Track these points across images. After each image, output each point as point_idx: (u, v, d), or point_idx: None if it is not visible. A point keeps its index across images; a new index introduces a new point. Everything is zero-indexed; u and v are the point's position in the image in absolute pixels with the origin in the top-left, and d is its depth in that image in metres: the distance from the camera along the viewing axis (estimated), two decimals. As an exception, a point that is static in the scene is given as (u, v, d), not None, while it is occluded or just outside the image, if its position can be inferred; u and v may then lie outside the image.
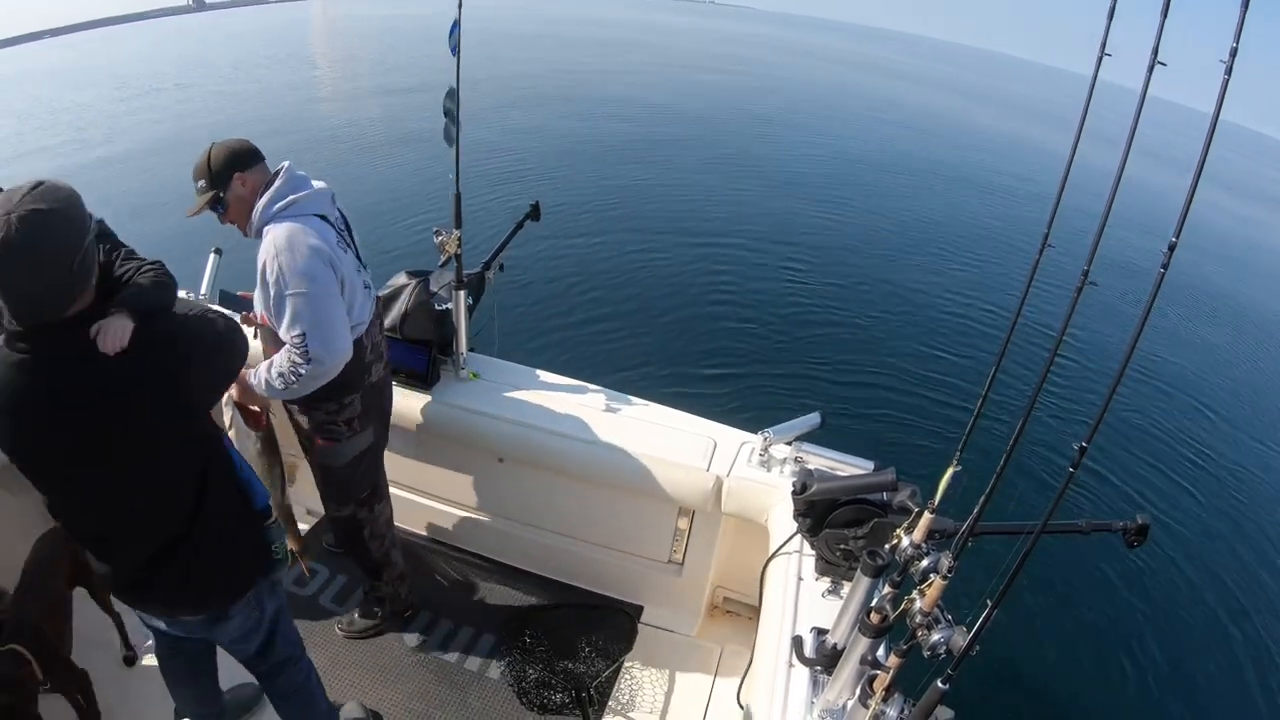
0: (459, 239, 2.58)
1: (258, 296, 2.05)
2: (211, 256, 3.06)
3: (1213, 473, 6.04)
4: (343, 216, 2.13)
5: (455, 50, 2.39)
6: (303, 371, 1.93)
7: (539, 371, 2.88)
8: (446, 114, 2.44)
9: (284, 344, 2.01)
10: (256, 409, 2.11)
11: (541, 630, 2.67)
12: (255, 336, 2.37)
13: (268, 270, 1.91)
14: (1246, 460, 6.41)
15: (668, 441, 2.53)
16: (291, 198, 1.95)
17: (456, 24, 2.37)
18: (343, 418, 2.20)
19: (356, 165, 11.67)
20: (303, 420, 2.21)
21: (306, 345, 1.91)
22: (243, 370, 2.02)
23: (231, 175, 1.92)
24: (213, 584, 1.62)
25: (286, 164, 2.02)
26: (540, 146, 13.50)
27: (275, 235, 1.90)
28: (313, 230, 1.94)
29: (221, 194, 1.93)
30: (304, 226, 1.92)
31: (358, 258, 2.16)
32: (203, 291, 3.05)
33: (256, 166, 1.97)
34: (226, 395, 2.05)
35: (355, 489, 2.37)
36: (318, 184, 2.05)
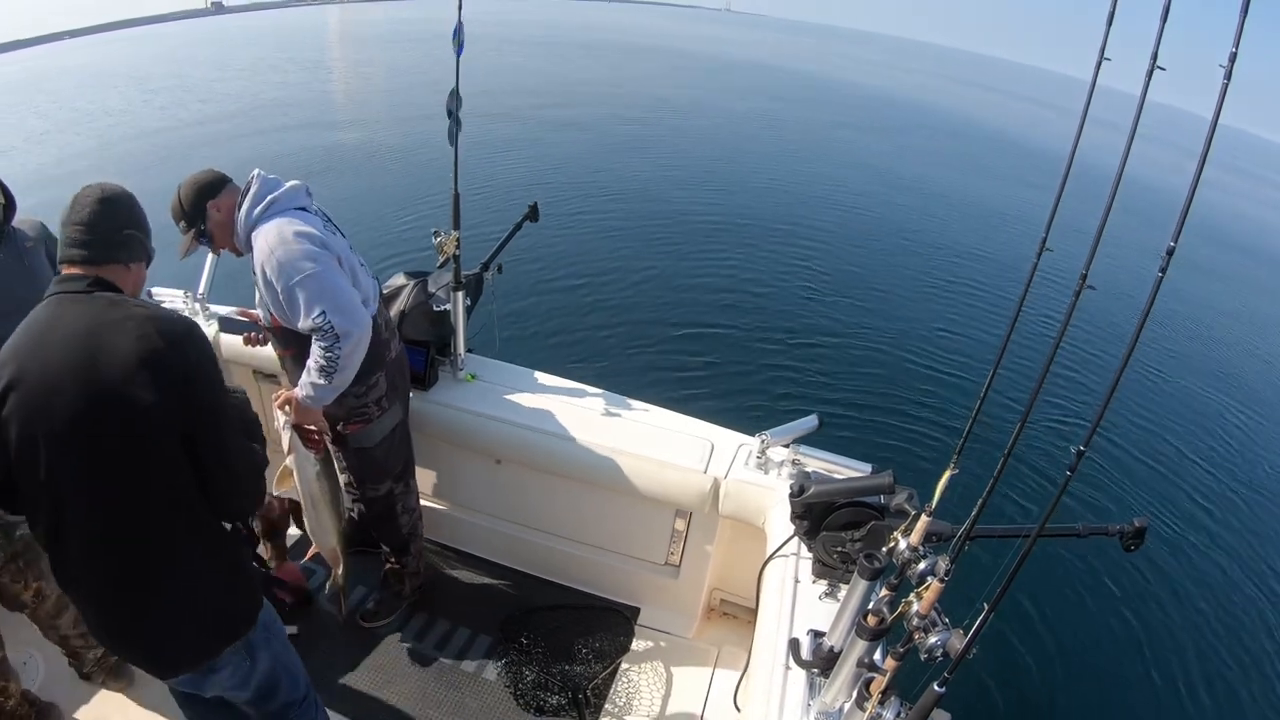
0: (457, 240, 2.58)
1: (262, 301, 2.06)
2: (210, 255, 3.05)
3: (1210, 476, 6.04)
4: (322, 212, 2.14)
5: (459, 51, 2.39)
6: (339, 351, 1.95)
7: (537, 373, 2.88)
8: (449, 114, 2.44)
9: (300, 341, 2.03)
10: (314, 430, 2.10)
11: (538, 632, 2.66)
12: (264, 343, 2.36)
13: (268, 270, 1.92)
14: (1244, 464, 6.42)
15: (665, 443, 2.53)
16: (270, 198, 1.97)
17: (460, 25, 2.38)
18: (371, 398, 2.24)
19: (356, 166, 11.67)
20: (332, 410, 2.20)
21: (330, 322, 1.91)
22: (289, 391, 2.05)
23: (205, 206, 1.96)
24: (199, 633, 1.52)
25: (256, 171, 2.03)
26: (540, 148, 13.51)
27: (264, 236, 1.92)
28: (296, 219, 1.96)
29: (203, 226, 1.97)
30: (288, 219, 1.95)
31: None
32: (200, 290, 3.04)
33: (226, 189, 1.99)
34: (284, 418, 2.06)
35: (390, 465, 2.44)
36: (290, 181, 2.06)
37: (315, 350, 1.97)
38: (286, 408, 2.04)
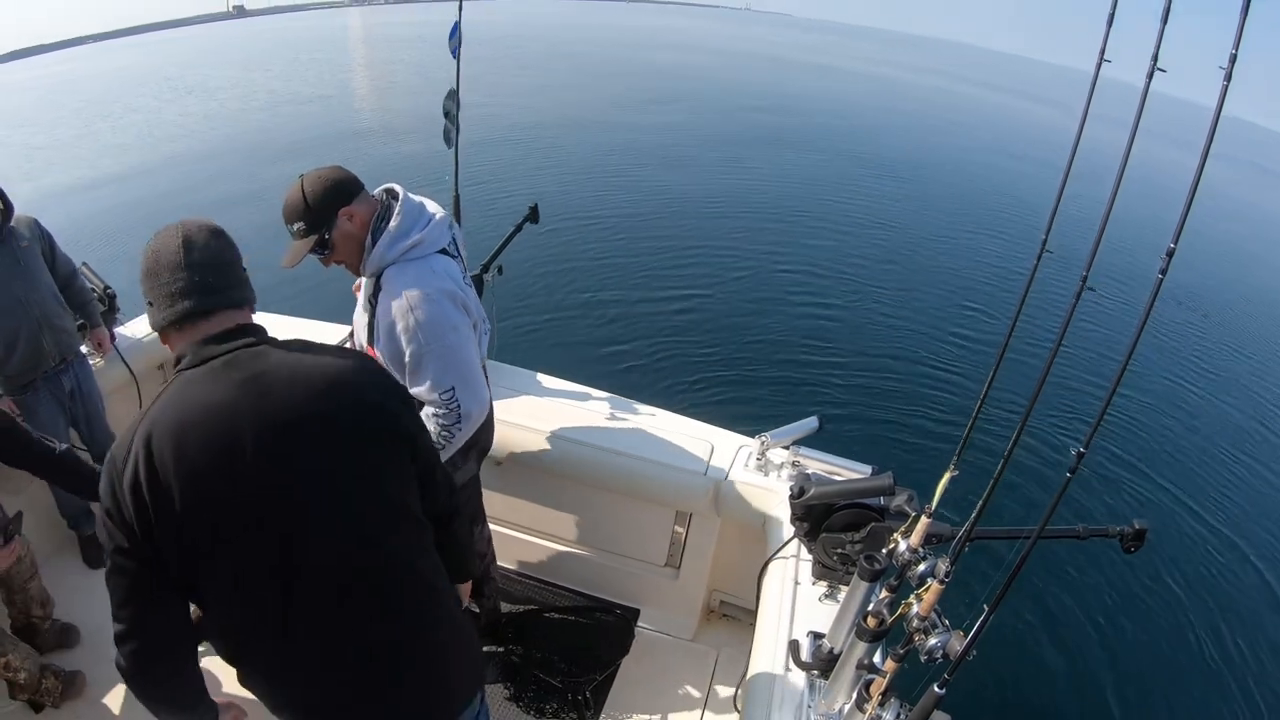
0: (458, 241, 2.58)
1: (364, 331, 1.86)
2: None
3: (1211, 478, 6.04)
4: (455, 243, 1.88)
5: (455, 53, 2.39)
6: (457, 431, 1.81)
7: (537, 374, 2.88)
8: (446, 115, 2.44)
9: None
10: None
11: (538, 633, 2.66)
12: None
13: (399, 325, 1.70)
14: (1244, 465, 6.41)
15: (666, 445, 2.52)
16: (416, 237, 1.72)
17: (457, 26, 2.38)
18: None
19: (354, 166, 11.67)
20: None
21: (457, 400, 1.75)
22: None
23: (336, 212, 1.67)
24: (449, 682, 1.31)
25: (399, 191, 1.77)
26: (540, 148, 13.52)
27: (405, 286, 1.69)
28: (442, 272, 1.74)
29: (327, 234, 1.69)
30: (433, 270, 1.72)
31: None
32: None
33: (362, 197, 1.73)
34: None
35: None
36: (433, 209, 1.80)
37: (430, 424, 1.79)
38: None
